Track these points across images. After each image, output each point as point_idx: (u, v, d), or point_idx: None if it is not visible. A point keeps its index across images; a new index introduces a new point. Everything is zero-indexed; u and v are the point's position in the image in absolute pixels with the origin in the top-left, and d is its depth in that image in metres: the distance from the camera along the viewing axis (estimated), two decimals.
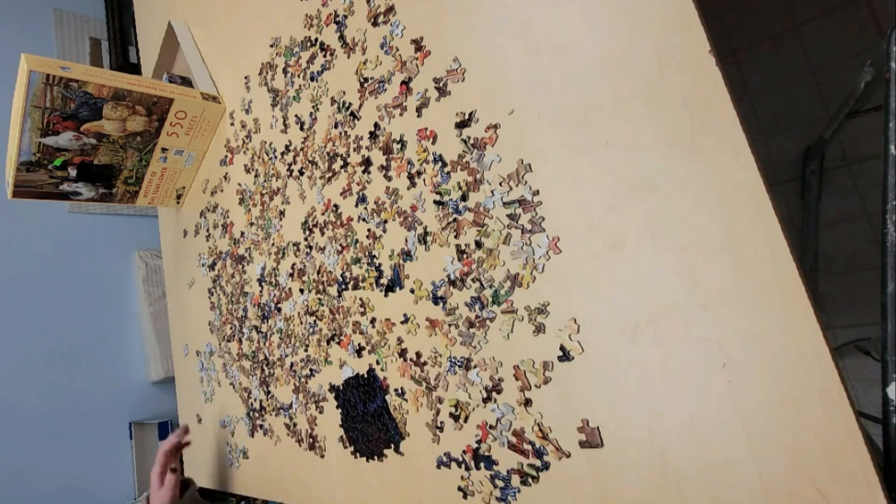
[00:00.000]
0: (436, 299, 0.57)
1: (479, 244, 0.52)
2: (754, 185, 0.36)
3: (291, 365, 0.82)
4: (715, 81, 0.37)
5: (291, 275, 0.81)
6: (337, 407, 0.71)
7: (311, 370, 0.77)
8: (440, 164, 0.56)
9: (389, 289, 0.63)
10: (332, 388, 0.72)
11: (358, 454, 0.68)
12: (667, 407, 0.39)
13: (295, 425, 0.81)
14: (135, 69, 2.12)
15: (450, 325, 0.55)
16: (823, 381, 0.33)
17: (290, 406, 0.82)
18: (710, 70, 0.37)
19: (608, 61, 0.43)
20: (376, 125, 0.65)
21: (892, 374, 0.43)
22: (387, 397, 0.63)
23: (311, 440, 0.78)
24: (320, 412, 0.76)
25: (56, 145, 0.92)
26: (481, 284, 0.52)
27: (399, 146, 0.62)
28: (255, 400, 0.92)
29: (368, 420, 0.65)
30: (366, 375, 0.66)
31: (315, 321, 0.76)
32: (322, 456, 0.76)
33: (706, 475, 0.38)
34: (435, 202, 0.57)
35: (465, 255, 0.53)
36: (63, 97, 0.85)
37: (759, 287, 0.35)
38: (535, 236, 0.48)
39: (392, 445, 0.63)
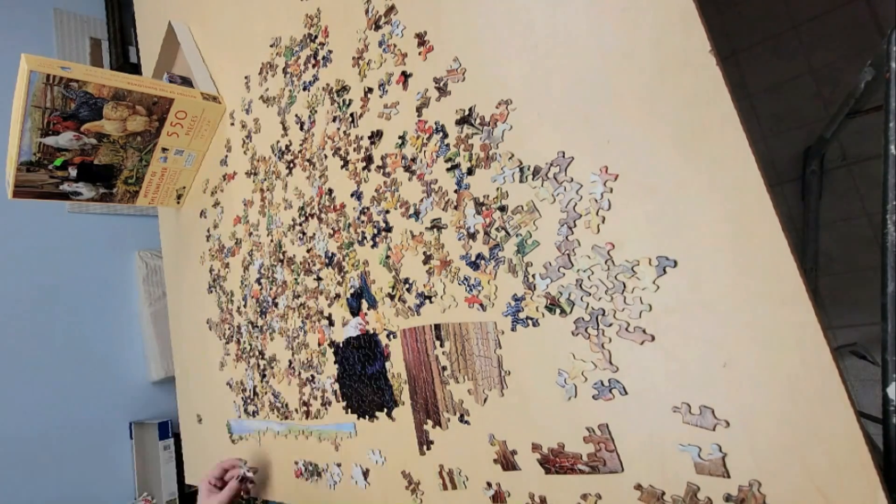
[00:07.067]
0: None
1: (502, 209, 0.50)
2: (754, 185, 0.36)
3: (290, 363, 0.82)
4: (715, 81, 0.37)
5: (282, 261, 0.83)
6: (335, 362, 0.73)
7: (309, 366, 0.77)
8: (441, 134, 0.56)
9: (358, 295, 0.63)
10: (332, 344, 0.73)
11: (349, 410, 0.70)
12: (667, 407, 0.40)
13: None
14: (135, 69, 2.12)
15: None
16: (823, 381, 0.33)
17: (290, 411, 0.82)
18: (710, 70, 0.37)
19: (608, 61, 0.43)
20: (378, 131, 0.65)
21: (892, 374, 0.43)
22: (386, 364, 0.64)
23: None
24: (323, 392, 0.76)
25: (56, 145, 0.92)
26: (507, 233, 0.50)
27: (400, 142, 0.62)
28: (253, 402, 0.92)
29: (365, 381, 0.67)
30: (368, 339, 0.67)
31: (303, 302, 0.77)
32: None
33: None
34: (447, 170, 0.56)
35: (484, 207, 0.52)
36: (63, 97, 0.85)
37: (759, 287, 0.35)
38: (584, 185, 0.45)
39: (385, 409, 0.64)
